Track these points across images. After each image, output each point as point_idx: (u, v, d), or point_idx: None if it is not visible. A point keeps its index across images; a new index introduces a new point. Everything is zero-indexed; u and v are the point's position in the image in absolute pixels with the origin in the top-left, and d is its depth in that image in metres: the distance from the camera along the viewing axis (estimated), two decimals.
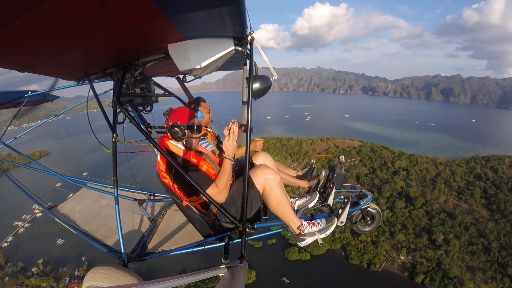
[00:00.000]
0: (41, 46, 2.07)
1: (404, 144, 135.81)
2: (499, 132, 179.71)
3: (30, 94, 5.04)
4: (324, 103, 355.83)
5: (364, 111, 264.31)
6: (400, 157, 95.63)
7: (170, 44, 2.65)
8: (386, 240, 64.22)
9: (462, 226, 65.76)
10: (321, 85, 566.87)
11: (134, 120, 2.97)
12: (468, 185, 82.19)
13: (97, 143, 3.64)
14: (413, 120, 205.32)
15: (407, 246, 62.67)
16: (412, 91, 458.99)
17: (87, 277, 2.98)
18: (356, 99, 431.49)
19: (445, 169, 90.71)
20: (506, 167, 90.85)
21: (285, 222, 3.22)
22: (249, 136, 2.70)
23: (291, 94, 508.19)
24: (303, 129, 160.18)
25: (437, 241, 61.88)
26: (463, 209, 72.45)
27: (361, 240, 63.83)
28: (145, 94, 3.77)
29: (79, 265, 54.12)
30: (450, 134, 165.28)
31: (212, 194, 2.83)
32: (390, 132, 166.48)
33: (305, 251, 59.65)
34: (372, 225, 4.23)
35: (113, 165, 3.24)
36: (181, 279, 1.79)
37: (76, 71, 3.21)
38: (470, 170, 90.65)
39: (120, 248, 3.35)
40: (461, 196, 77.86)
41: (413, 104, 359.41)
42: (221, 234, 3.14)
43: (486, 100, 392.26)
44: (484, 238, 61.55)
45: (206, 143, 3.91)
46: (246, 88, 2.70)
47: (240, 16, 2.18)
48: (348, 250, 62.34)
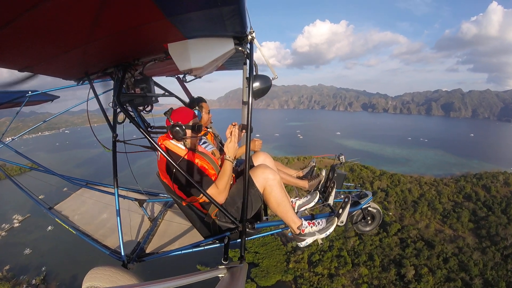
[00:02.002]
0: (41, 46, 2.08)
1: (394, 162, 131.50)
2: (498, 146, 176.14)
3: (30, 94, 5.07)
4: (320, 120, 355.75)
5: (360, 128, 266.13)
6: (380, 177, 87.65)
7: (170, 43, 2.63)
8: (346, 273, 54.58)
9: (441, 257, 56.06)
10: (321, 102, 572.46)
11: (134, 120, 2.96)
12: (456, 207, 73.36)
13: (85, 157, 5.45)
14: (407, 137, 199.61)
15: (369, 281, 52.75)
16: (412, 107, 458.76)
17: (87, 277, 2.99)
18: (355, 116, 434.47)
19: (431, 190, 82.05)
20: (500, 185, 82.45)
21: (285, 222, 3.20)
22: (249, 136, 2.69)
23: (291, 112, 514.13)
24: (291, 147, 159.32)
25: (406, 277, 52.14)
26: (446, 236, 63.53)
27: (316, 272, 54.72)
28: (145, 94, 3.76)
29: (38, 274, 56.64)
30: (445, 149, 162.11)
31: (212, 194, 2.83)
32: (381, 149, 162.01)
33: (252, 280, 52.63)
34: (372, 224, 4.20)
35: (113, 165, 3.28)
36: (181, 279, 1.76)
37: (76, 71, 3.23)
38: (459, 189, 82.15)
39: (120, 249, 3.35)
40: (445, 220, 68.86)
41: (412, 120, 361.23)
42: (221, 234, 3.13)
43: (487, 113, 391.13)
44: (466, 272, 52.24)
45: (206, 143, 3.75)
46: (246, 88, 2.70)
47: (240, 16, 2.17)
48: (299, 284, 53.37)
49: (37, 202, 4.71)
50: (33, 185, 5.07)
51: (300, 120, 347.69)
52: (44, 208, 4.79)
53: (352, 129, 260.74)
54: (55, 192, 6.55)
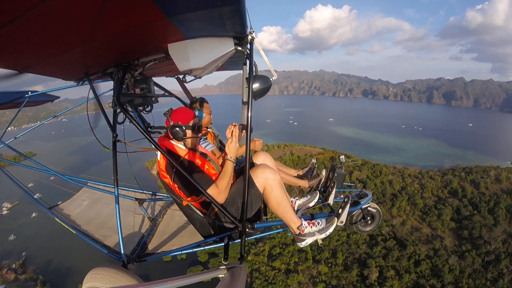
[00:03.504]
0: (41, 46, 2.07)
1: (385, 151, 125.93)
2: (496, 138, 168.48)
3: (30, 94, 5.08)
4: (317, 107, 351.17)
5: (355, 115, 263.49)
6: (361, 167, 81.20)
7: (170, 43, 2.64)
8: (305, 270, 49.37)
9: (412, 259, 49.69)
10: (322, 88, 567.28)
11: (134, 120, 2.97)
12: (438, 203, 66.98)
13: (80, 145, 5.76)
14: (401, 125, 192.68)
15: (328, 280, 47.64)
16: (413, 94, 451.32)
17: (87, 278, 3.00)
18: (354, 102, 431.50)
19: (413, 183, 75.47)
20: (490, 180, 75.34)
21: (285, 222, 3.21)
22: (249, 136, 2.70)
23: (290, 97, 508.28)
24: (282, 134, 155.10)
25: (368, 279, 46.37)
26: (423, 236, 57.23)
27: (273, 267, 49.87)
28: (145, 94, 3.77)
29: (18, 259, 58.59)
30: (441, 139, 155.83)
31: (212, 194, 2.84)
32: (374, 137, 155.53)
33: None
34: (372, 224, 4.19)
35: (113, 165, 3.28)
36: (181, 280, 1.77)
37: (76, 71, 3.24)
38: (445, 184, 75.33)
39: (120, 249, 3.35)
40: (425, 217, 62.20)
41: (411, 108, 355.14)
42: (221, 234, 3.15)
43: (489, 103, 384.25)
44: (438, 278, 46.27)
45: (206, 143, 3.86)
46: (246, 88, 2.71)
47: (240, 16, 2.18)
48: (254, 277, 48.36)
49: (38, 203, 4.69)
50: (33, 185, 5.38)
51: (297, 106, 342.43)
52: (45, 208, 4.73)
53: (347, 116, 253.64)
54: (55, 192, 6.43)
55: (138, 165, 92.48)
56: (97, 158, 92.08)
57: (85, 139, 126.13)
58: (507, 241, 54.23)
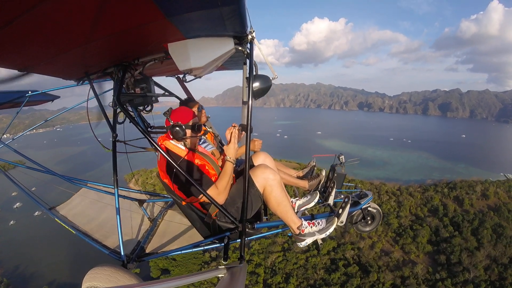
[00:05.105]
0: (41, 46, 2.09)
1: (370, 164, 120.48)
2: (490, 149, 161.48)
3: (30, 94, 5.07)
4: (310, 119, 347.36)
5: (346, 128, 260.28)
6: None
7: (170, 43, 2.63)
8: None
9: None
10: (318, 101, 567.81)
11: (134, 120, 2.96)
12: (415, 223, 60.95)
13: (68, 155, 5.90)
14: (390, 137, 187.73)
15: None
16: (409, 106, 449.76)
17: (87, 277, 2.98)
18: (348, 115, 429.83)
19: (390, 200, 69.67)
20: (476, 196, 68.53)
21: (285, 222, 3.19)
22: (249, 136, 2.69)
23: (285, 110, 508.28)
24: (268, 147, 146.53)
25: None
26: (392, 261, 50.77)
27: None
28: (145, 94, 3.76)
29: None
30: (431, 152, 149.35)
31: (212, 195, 2.83)
32: (361, 150, 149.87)
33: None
34: (372, 225, 4.19)
35: (113, 165, 3.26)
36: (181, 279, 1.79)
37: (76, 71, 3.23)
38: (425, 201, 69.09)
39: (120, 249, 3.33)
40: (398, 240, 56.52)
41: (406, 120, 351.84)
42: (221, 234, 3.13)
43: (485, 114, 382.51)
44: None
45: (205, 143, 3.85)
46: (246, 88, 2.70)
47: (240, 16, 2.18)
48: None
49: (38, 203, 4.67)
50: (32, 185, 5.15)
51: (290, 119, 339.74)
52: (45, 209, 4.74)
53: (337, 128, 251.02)
54: (55, 192, 6.33)
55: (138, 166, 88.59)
56: (85, 167, 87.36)
57: (77, 149, 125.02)
58: (490, 267, 48.05)
